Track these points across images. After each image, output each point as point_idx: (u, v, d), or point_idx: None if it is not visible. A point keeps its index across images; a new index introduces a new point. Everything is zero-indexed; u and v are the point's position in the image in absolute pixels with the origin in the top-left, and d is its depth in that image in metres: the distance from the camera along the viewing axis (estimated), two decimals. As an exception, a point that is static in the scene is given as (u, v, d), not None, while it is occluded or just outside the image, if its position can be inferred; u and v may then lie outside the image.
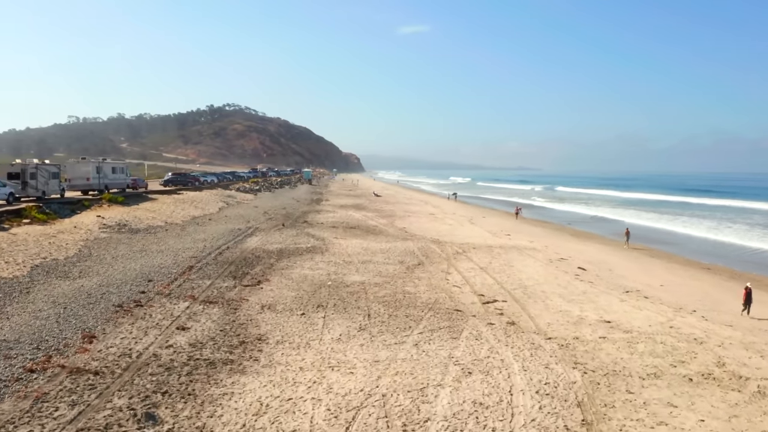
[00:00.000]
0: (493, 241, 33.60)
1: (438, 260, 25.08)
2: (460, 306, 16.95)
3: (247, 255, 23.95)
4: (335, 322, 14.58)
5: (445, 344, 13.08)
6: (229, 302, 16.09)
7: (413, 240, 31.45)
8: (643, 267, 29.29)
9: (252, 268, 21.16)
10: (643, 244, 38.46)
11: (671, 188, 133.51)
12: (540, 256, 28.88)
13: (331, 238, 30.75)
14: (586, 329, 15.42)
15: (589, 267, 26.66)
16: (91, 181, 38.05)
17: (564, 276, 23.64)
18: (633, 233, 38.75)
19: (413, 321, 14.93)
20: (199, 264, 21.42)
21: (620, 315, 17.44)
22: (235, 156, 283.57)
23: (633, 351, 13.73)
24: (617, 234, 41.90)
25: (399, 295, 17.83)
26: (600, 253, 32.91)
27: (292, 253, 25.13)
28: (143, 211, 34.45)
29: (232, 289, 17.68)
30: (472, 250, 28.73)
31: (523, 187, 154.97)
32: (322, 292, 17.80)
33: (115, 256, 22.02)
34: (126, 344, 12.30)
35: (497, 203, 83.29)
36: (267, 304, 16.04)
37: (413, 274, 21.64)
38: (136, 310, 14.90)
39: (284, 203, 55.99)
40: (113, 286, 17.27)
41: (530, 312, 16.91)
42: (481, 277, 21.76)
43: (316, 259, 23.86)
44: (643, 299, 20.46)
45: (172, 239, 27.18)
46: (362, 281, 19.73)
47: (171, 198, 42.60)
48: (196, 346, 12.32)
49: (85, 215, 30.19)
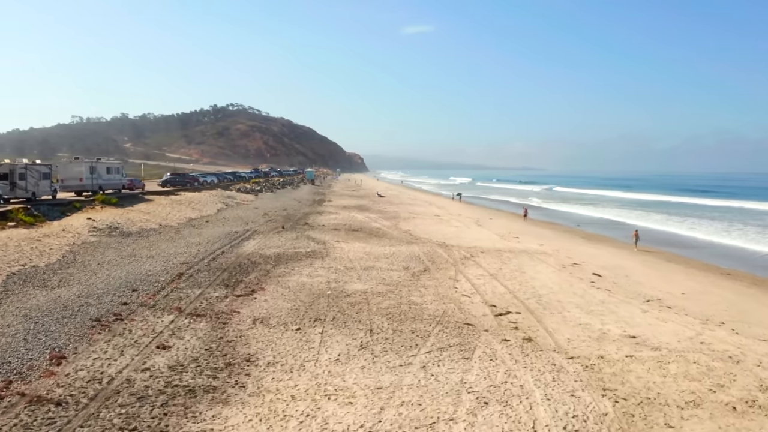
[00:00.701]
0: (502, 245, 32.17)
1: (445, 266, 23.67)
2: (470, 319, 15.53)
3: (242, 261, 22.57)
4: (334, 338, 13.18)
5: (456, 366, 11.67)
6: (218, 315, 14.71)
7: (418, 243, 30.04)
8: (661, 273, 27.80)
9: (246, 276, 19.78)
10: (653, 247, 37.05)
11: (676, 189, 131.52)
12: (552, 260, 27.45)
13: (333, 241, 29.36)
14: (610, 346, 13.99)
15: (605, 273, 25.20)
16: (84, 181, 36.75)
17: (579, 283, 22.21)
18: (642, 236, 37.31)
19: (420, 337, 13.52)
20: (190, 271, 20.05)
21: (645, 328, 16.00)
22: (238, 156, 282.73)
23: (665, 373, 12.29)
24: (628, 236, 40.37)
25: (404, 307, 16.42)
26: (614, 258, 31.44)
27: (290, 258, 23.75)
28: (137, 213, 33.13)
29: (223, 300, 16.29)
30: (481, 255, 27.31)
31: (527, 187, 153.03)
32: (321, 303, 16.41)
33: (101, 263, 20.68)
34: (98, 367, 10.93)
35: (502, 204, 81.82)
36: (260, 318, 14.65)
37: (419, 281, 20.24)
38: (114, 325, 13.54)
39: (285, 204, 54.66)
40: (93, 296, 15.91)
41: (547, 326, 15.48)
42: (491, 285, 20.34)
43: (315, 264, 22.48)
44: (666, 310, 18.99)
45: (165, 243, 25.83)
46: (364, 290, 18.33)
47: (168, 199, 41.28)
48: (176, 369, 10.93)
49: (75, 218, 28.89)
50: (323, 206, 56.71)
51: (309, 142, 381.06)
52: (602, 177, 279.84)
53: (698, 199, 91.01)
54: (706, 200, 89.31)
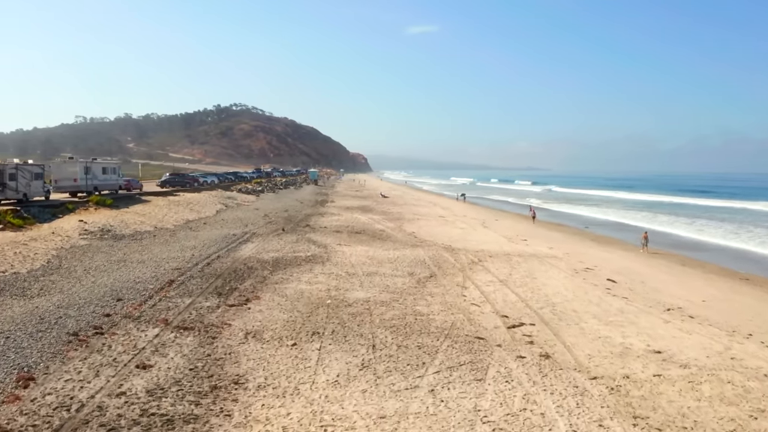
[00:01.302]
0: (510, 248, 30.95)
1: (452, 271, 22.47)
2: (481, 332, 14.33)
3: (238, 266, 21.41)
4: (333, 356, 11.99)
5: (468, 389, 10.47)
6: (208, 328, 13.53)
7: (423, 247, 28.84)
8: (677, 278, 26.57)
9: (242, 282, 18.61)
10: (662, 249, 35.90)
11: (682, 189, 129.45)
12: (563, 265, 26.23)
13: (334, 244, 28.19)
14: (635, 363, 12.77)
15: (619, 278, 23.97)
16: (79, 182, 35.62)
17: (594, 290, 20.99)
18: (651, 238, 36.09)
19: (427, 354, 12.32)
20: (182, 277, 18.89)
21: (669, 342, 14.78)
22: (241, 156, 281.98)
23: (699, 395, 11.08)
24: (638, 239, 39.09)
25: (409, 318, 15.23)
26: (626, 261, 30.20)
27: (289, 263, 22.58)
28: (132, 215, 32.01)
29: (214, 311, 15.12)
30: (489, 259, 26.10)
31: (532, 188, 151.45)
32: (320, 314, 15.23)
33: (87, 268, 19.54)
34: (68, 390, 9.78)
35: (506, 205, 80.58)
36: (252, 331, 13.47)
37: (425, 289, 19.04)
38: (93, 340, 12.38)
39: (287, 205, 53.52)
40: (74, 307, 14.76)
41: (565, 339, 14.27)
42: (501, 293, 19.13)
43: (315, 270, 21.30)
44: (689, 320, 17.76)
45: (158, 247, 24.70)
46: (367, 298, 17.14)
47: (165, 200, 40.15)
48: (155, 393, 9.77)
49: (66, 220, 27.81)
50: (325, 207, 55.56)
51: (312, 142, 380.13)
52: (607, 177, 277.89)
53: (705, 200, 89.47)
54: (712, 201, 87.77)
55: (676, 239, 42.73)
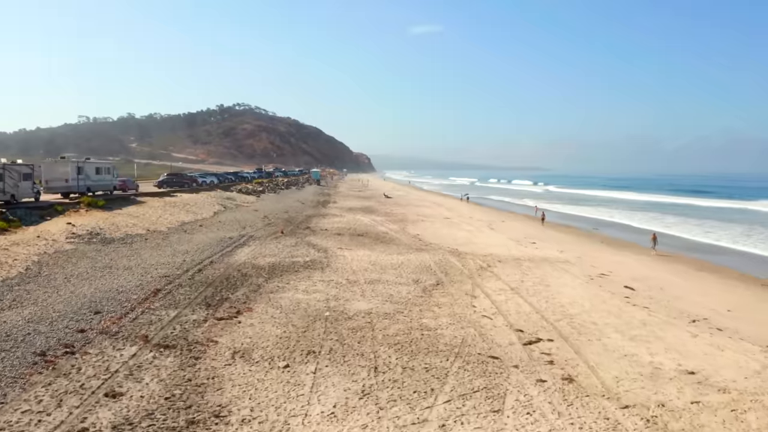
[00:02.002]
0: (519, 252, 29.54)
1: (460, 278, 21.08)
2: (495, 349, 12.94)
3: (231, 273, 20.04)
4: (329, 380, 10.62)
5: (484, 424, 9.08)
6: (191, 346, 12.17)
7: (428, 251, 27.45)
8: (696, 284, 25.15)
9: (233, 292, 17.23)
10: (675, 252, 34.74)
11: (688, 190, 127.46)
12: (576, 270, 24.82)
13: (335, 248, 26.81)
14: (668, 387, 11.38)
15: (637, 285, 22.57)
16: (70, 182, 34.28)
17: (612, 299, 19.59)
18: (661, 240, 34.75)
19: (436, 378, 10.94)
20: (169, 286, 17.53)
21: (701, 360, 13.39)
22: (244, 156, 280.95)
23: (746, 427, 9.72)
24: (648, 240, 37.69)
25: (415, 333, 13.85)
26: (641, 266, 28.77)
27: (286, 269, 21.20)
28: (125, 217, 30.67)
29: (201, 325, 13.75)
30: (498, 264, 24.70)
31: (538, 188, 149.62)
32: (317, 329, 13.85)
33: (69, 276, 18.20)
34: (23, 425, 8.44)
35: (510, 204, 79.10)
36: (241, 350, 12.10)
37: (431, 298, 17.65)
38: (62, 361, 11.04)
39: (288, 206, 52.17)
40: (46, 321, 13.42)
41: (587, 357, 12.88)
42: (514, 303, 17.73)
43: (314, 277, 19.92)
44: (718, 333, 16.34)
45: (149, 251, 23.36)
46: (369, 310, 15.75)
47: (161, 201, 38.81)
48: (123, 429, 8.42)
49: (54, 222, 26.49)
50: (327, 208, 54.20)
51: (315, 142, 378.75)
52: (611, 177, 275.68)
53: (712, 201, 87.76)
54: (719, 202, 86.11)
55: (687, 242, 41.21)
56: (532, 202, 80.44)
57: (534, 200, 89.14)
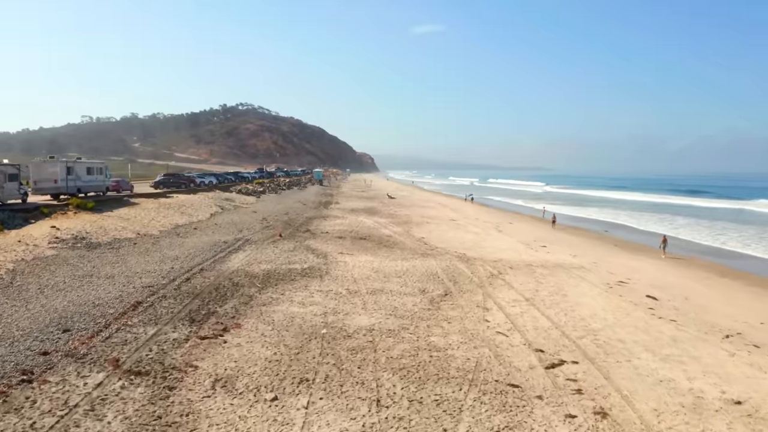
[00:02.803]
0: (530, 257, 27.93)
1: (469, 287, 19.49)
2: (514, 375, 11.36)
3: (222, 282, 18.48)
4: (324, 418, 9.05)
5: (509, 478, 7.52)
6: (167, 373, 10.62)
7: (435, 256, 25.86)
8: (721, 293, 23.54)
9: (222, 304, 15.68)
10: (687, 255, 33.65)
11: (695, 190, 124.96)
12: (593, 278, 23.21)
13: (335, 253, 25.24)
14: (716, 422, 9.82)
15: (659, 294, 20.96)
16: (59, 183, 32.76)
17: (635, 310, 17.98)
18: (676, 243, 33.20)
19: (449, 414, 9.37)
20: (152, 298, 15.98)
21: (745, 385, 11.81)
22: (247, 156, 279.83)
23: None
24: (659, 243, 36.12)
25: (423, 355, 12.27)
26: (660, 272, 27.14)
27: (282, 277, 19.63)
28: (115, 220, 29.14)
29: (181, 345, 12.20)
30: (509, 271, 23.11)
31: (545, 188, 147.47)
32: (312, 349, 12.29)
33: (43, 287, 16.67)
34: (-53, 482, 6.92)
35: (515, 204, 77.38)
36: (223, 377, 10.54)
37: (439, 311, 16.06)
38: (15, 392, 9.52)
39: (288, 207, 50.62)
40: (6, 342, 11.87)
41: (619, 384, 11.30)
42: (530, 316, 16.14)
43: (311, 287, 18.35)
44: (756, 350, 14.73)
45: (136, 257, 21.83)
46: (371, 326, 14.19)
47: (156, 203, 37.26)
48: (67, 489, 6.89)
49: (38, 226, 24.97)
50: (329, 209, 52.63)
51: (319, 141, 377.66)
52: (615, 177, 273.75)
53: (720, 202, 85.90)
54: (728, 203, 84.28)
55: (700, 245, 39.51)
56: (537, 204, 78.78)
57: (535, 201, 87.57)
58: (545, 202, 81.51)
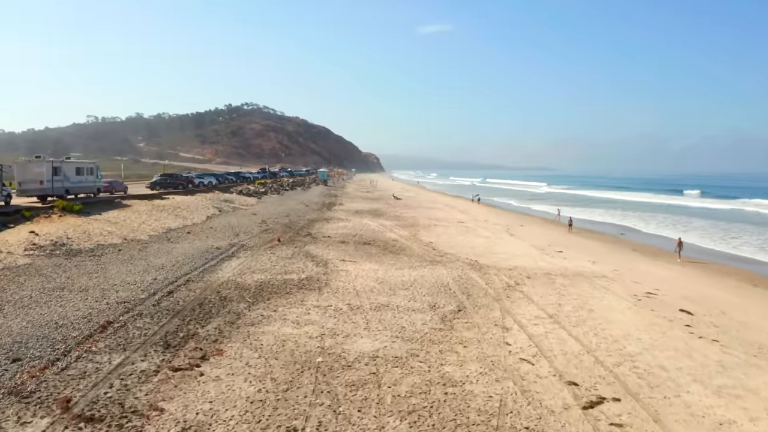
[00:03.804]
0: (547, 264, 25.91)
1: (485, 301, 17.49)
2: (547, 420, 9.38)
3: (208, 296, 16.54)
4: (313, 487, 7.11)
5: None
6: (125, 419, 8.68)
7: (445, 264, 23.88)
8: (757, 304, 21.57)
9: (205, 324, 13.74)
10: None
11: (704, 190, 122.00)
12: (619, 288, 21.19)
13: (337, 261, 23.31)
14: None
15: (693, 308, 18.94)
16: (45, 184, 30.89)
17: (672, 328, 15.97)
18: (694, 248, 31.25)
19: (472, 481, 7.41)
20: (126, 316, 14.05)
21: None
22: (252, 156, 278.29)
23: None
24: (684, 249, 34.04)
25: (436, 391, 10.30)
26: (689, 281, 25.09)
27: (276, 290, 17.67)
28: (102, 223, 27.25)
29: (149, 379, 10.24)
30: (527, 281, 21.10)
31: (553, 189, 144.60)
32: (304, 384, 10.33)
33: (5, 303, 14.66)
34: None
35: (524, 207, 75.23)
36: (192, 426, 8.58)
37: (453, 332, 14.07)
38: (-71, 449, 7.63)
39: (290, 209, 48.69)
40: (-62, 376, 10.00)
41: (673, 430, 9.33)
42: (556, 338, 14.14)
43: (308, 302, 16.39)
44: (818, 378, 12.74)
45: (118, 266, 19.92)
46: (374, 352, 12.21)
47: (149, 205, 35.35)
48: None
49: (16, 231, 23.11)
50: (332, 211, 50.67)
51: (324, 141, 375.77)
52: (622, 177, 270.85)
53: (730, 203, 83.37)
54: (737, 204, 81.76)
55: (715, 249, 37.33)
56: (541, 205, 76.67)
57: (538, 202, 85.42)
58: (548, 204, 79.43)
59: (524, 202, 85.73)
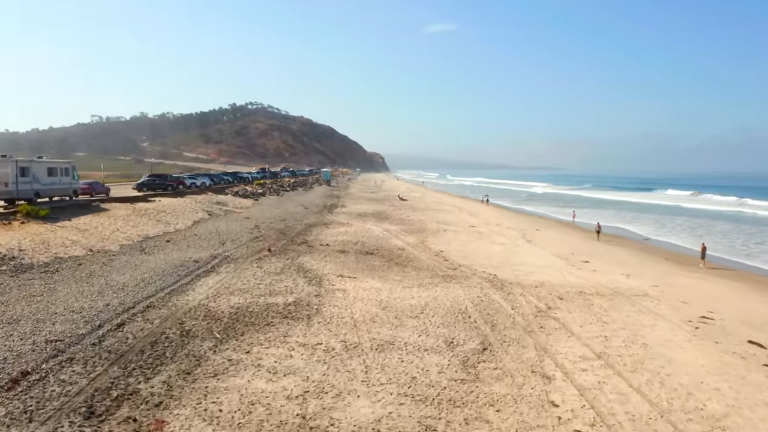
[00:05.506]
0: (576, 278, 22.52)
1: (513, 334, 14.11)
2: None
3: (168, 329, 13.18)
4: None
5: None
6: None
7: (460, 279, 20.51)
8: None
9: (152, 375, 10.41)
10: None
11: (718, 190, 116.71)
12: (667, 311, 17.80)
13: (334, 277, 19.97)
14: None
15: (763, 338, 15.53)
16: (10, 186, 27.62)
17: (750, 372, 12.62)
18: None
19: None
20: (51, 362, 10.73)
21: None
22: (256, 155, 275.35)
23: None
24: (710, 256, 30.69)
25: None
26: (741, 300, 21.70)
27: (254, 320, 14.30)
28: (68, 231, 23.94)
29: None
30: (560, 303, 17.71)
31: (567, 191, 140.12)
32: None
33: None
34: None
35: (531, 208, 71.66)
36: None
37: (479, 384, 10.70)
38: None
39: (287, 212, 45.31)
40: None
41: None
42: (614, 390, 10.75)
43: (292, 337, 13.02)
44: None
45: (69, 286, 16.58)
46: (374, 425, 8.86)
47: (130, 208, 32.01)
48: None
49: (-38, 241, 19.86)
50: (334, 214, 47.29)
51: (329, 141, 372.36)
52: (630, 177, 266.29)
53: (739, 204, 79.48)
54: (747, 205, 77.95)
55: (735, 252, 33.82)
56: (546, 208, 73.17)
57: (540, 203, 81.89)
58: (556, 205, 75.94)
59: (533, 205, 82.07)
